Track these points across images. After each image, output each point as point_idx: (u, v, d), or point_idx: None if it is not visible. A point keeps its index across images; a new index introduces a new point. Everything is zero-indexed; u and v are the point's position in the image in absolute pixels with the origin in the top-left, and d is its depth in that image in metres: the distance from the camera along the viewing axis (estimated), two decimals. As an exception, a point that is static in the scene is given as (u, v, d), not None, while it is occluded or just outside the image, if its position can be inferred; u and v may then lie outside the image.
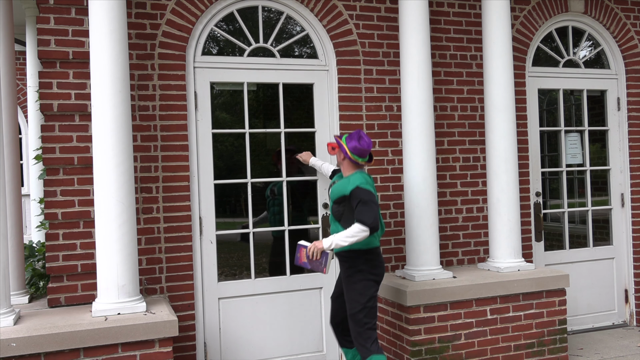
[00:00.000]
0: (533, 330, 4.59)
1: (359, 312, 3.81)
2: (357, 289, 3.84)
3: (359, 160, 3.90)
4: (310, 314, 4.76)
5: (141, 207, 4.23)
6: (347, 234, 3.71)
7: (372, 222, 3.68)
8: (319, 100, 4.79)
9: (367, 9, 4.87)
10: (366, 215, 3.68)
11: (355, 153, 3.88)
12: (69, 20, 4.06)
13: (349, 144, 3.90)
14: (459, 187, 5.14)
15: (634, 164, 5.84)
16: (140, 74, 4.26)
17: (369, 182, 3.83)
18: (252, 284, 4.61)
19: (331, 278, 4.75)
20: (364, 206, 3.70)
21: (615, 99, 5.89)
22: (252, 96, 4.70)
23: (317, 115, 4.79)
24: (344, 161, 3.95)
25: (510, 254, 4.73)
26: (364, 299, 3.82)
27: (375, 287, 3.87)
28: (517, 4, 5.35)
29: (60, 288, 4.01)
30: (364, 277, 3.84)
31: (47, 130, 4.01)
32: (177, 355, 4.23)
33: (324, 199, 4.76)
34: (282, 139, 4.68)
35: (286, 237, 4.69)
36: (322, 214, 4.75)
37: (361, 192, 3.74)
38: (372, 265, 3.87)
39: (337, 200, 3.89)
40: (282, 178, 4.71)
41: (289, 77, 4.72)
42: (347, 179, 3.87)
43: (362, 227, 3.68)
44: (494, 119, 4.75)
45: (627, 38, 5.83)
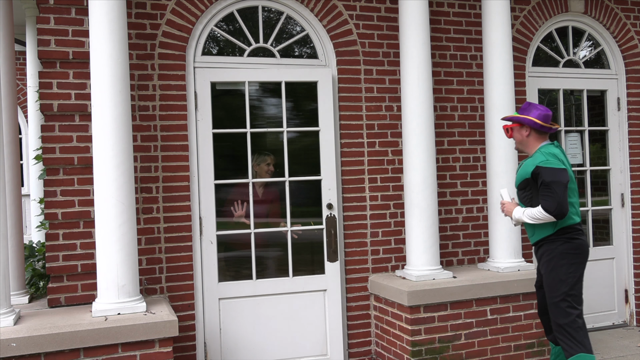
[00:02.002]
0: (533, 330, 4.59)
1: (561, 302, 3.48)
2: (559, 275, 3.51)
3: (548, 125, 3.62)
4: (314, 316, 4.67)
5: (141, 207, 4.23)
6: (531, 214, 3.50)
7: (555, 209, 3.39)
8: (323, 98, 4.70)
9: (367, 9, 4.87)
10: (547, 200, 3.40)
11: (542, 119, 3.62)
12: (69, 20, 4.06)
13: (531, 114, 3.65)
14: (459, 187, 5.14)
15: (634, 164, 5.84)
16: (141, 74, 4.26)
17: (552, 154, 3.53)
18: (254, 285, 4.57)
19: (335, 281, 4.68)
20: (546, 189, 3.41)
21: (615, 99, 5.89)
22: (253, 95, 4.65)
23: (321, 114, 4.69)
24: (529, 137, 3.69)
25: (510, 254, 4.73)
26: (566, 286, 3.49)
27: (579, 270, 3.53)
28: (517, 4, 5.35)
29: (60, 288, 4.01)
30: (565, 260, 3.51)
31: (47, 130, 4.01)
32: (177, 355, 4.23)
33: (327, 199, 4.69)
34: (284, 138, 4.63)
35: (288, 237, 4.62)
36: (327, 215, 4.68)
37: (543, 171, 3.44)
38: (573, 245, 3.55)
39: (521, 186, 3.64)
40: (285, 178, 4.65)
41: (291, 75, 4.66)
42: (531, 158, 3.61)
43: (543, 212, 3.43)
44: (494, 119, 4.75)
45: (627, 38, 5.83)
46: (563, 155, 3.64)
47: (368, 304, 4.84)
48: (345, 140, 4.79)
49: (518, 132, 3.74)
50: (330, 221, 4.67)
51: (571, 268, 3.54)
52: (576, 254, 3.57)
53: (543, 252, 3.65)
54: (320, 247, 4.70)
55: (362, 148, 4.84)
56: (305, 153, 4.75)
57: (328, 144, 4.68)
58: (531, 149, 3.72)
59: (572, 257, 3.56)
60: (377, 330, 4.79)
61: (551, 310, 3.58)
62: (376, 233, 4.87)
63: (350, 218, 4.79)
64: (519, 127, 3.73)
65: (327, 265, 4.67)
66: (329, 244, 4.66)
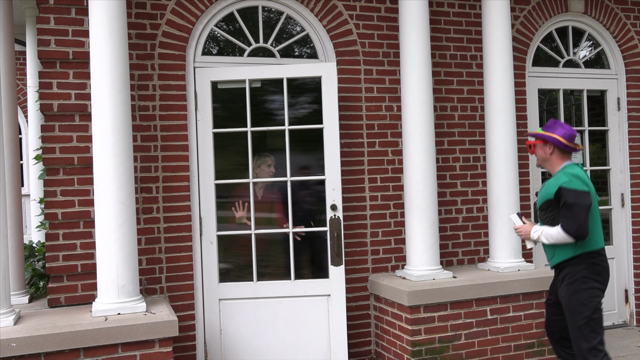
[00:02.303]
0: (533, 330, 4.59)
1: (584, 327, 3.43)
2: (580, 299, 3.45)
3: (572, 145, 3.57)
4: (317, 322, 4.49)
5: (141, 207, 4.23)
6: (549, 234, 3.46)
7: (575, 230, 3.35)
8: (327, 94, 4.44)
9: (367, 9, 4.87)
10: (568, 222, 3.36)
11: (567, 138, 3.57)
12: (69, 20, 4.06)
13: (556, 132, 3.59)
14: (459, 187, 5.14)
15: (634, 164, 5.84)
16: (141, 74, 4.26)
17: (576, 176, 3.46)
18: (254, 287, 4.47)
19: (339, 287, 4.47)
20: (567, 210, 3.37)
21: (615, 99, 5.89)
22: (254, 94, 4.56)
23: (325, 110, 4.44)
24: (552, 155, 3.63)
25: (510, 254, 4.73)
26: (588, 310, 3.42)
27: (600, 295, 3.48)
28: (517, 4, 5.35)
29: (60, 288, 4.01)
30: (588, 285, 3.45)
31: (47, 130, 4.01)
32: (177, 355, 4.23)
33: (331, 200, 4.48)
34: (286, 137, 4.45)
35: (290, 239, 4.48)
36: (331, 216, 4.45)
37: (565, 192, 3.40)
38: (596, 271, 3.49)
39: (543, 207, 3.59)
40: (287, 178, 4.50)
41: (293, 72, 4.49)
42: (554, 179, 3.56)
43: (562, 234, 3.40)
44: (494, 119, 4.75)
45: (627, 38, 5.83)
46: (587, 177, 3.57)
47: (368, 304, 4.84)
48: (345, 140, 4.79)
49: (541, 149, 3.67)
50: (334, 223, 4.46)
51: (593, 292, 3.47)
52: (597, 280, 3.50)
53: (565, 274, 3.56)
54: (323, 250, 4.51)
55: (362, 148, 4.84)
56: (310, 152, 4.65)
57: (332, 142, 4.45)
58: (553, 168, 3.66)
59: (593, 281, 3.49)
60: (377, 330, 4.79)
61: (573, 335, 3.52)
62: (376, 233, 4.87)
63: (350, 218, 4.79)
64: (542, 144, 3.66)
65: (331, 269, 4.45)
66: (333, 247, 4.44)
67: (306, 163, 4.68)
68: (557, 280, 3.67)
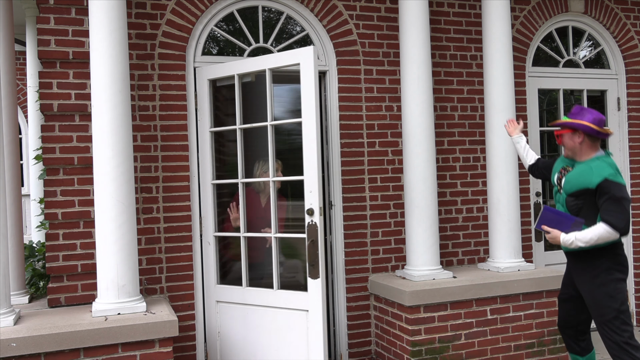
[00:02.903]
0: (533, 330, 4.59)
1: (614, 319, 3.32)
2: (608, 291, 3.34)
3: (603, 131, 3.39)
4: (296, 337, 4.09)
5: (141, 207, 4.23)
6: (590, 236, 3.27)
7: (624, 226, 3.21)
8: (306, 84, 4.00)
9: (367, 9, 4.87)
10: (617, 217, 3.20)
11: (597, 123, 3.38)
12: (69, 20, 4.06)
13: (585, 119, 3.41)
14: (459, 187, 5.14)
15: (634, 164, 5.84)
16: (141, 74, 4.26)
17: (616, 169, 3.33)
18: (242, 293, 4.29)
19: (317, 302, 3.96)
20: (615, 205, 3.21)
21: (615, 99, 5.89)
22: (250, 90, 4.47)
23: (304, 102, 4.02)
24: (582, 144, 3.44)
25: (510, 254, 4.73)
26: (617, 302, 3.33)
27: (625, 286, 3.38)
28: (517, 4, 5.35)
29: (60, 288, 4.01)
30: (613, 276, 3.34)
31: (47, 130, 4.01)
32: (177, 355, 4.23)
33: (309, 203, 3.97)
34: (269, 133, 4.16)
35: (273, 245, 4.17)
36: (307, 222, 3.97)
37: (612, 186, 3.23)
38: (618, 261, 3.39)
39: (576, 193, 3.40)
40: (269, 178, 4.22)
41: (273, 62, 4.15)
42: (587, 166, 3.38)
43: (609, 230, 3.23)
44: (494, 119, 4.75)
45: (627, 38, 5.83)
46: (618, 169, 3.46)
47: (368, 304, 4.84)
48: (345, 140, 4.79)
49: (570, 138, 3.48)
50: (310, 230, 3.93)
51: (619, 284, 3.39)
52: (621, 270, 3.42)
53: (586, 266, 3.46)
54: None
55: (362, 148, 4.84)
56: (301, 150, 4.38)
57: (311, 138, 3.95)
58: (584, 157, 3.48)
59: (618, 272, 3.40)
60: (377, 330, 4.79)
61: (603, 331, 3.41)
62: (376, 233, 4.87)
63: (350, 218, 4.79)
64: (570, 134, 3.48)
65: (309, 282, 3.96)
66: (309, 258, 3.92)
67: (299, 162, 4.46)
68: (575, 270, 3.54)
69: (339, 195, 4.79)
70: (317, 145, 3.95)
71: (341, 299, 4.82)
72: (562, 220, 3.46)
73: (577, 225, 3.40)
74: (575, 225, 3.40)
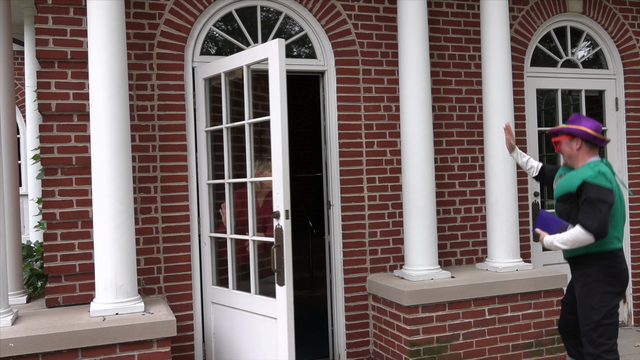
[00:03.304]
0: (531, 330, 4.60)
1: (592, 331, 3.33)
2: (591, 303, 3.35)
3: (601, 137, 3.41)
4: (267, 345, 3.92)
5: (139, 207, 4.23)
6: (566, 237, 3.30)
7: (596, 228, 3.20)
8: (273, 80, 3.78)
9: (366, 9, 4.87)
10: (589, 218, 3.21)
11: (595, 130, 3.40)
12: (67, 20, 4.05)
13: (582, 124, 3.43)
14: (458, 187, 5.14)
15: (632, 164, 5.84)
16: (139, 74, 4.26)
17: (602, 173, 3.32)
18: (229, 295, 4.21)
19: (283, 311, 3.77)
20: (589, 207, 3.22)
21: (613, 99, 5.89)
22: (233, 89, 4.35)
23: (272, 98, 3.81)
24: (580, 151, 3.46)
25: (508, 253, 4.73)
26: (598, 315, 3.32)
27: (615, 300, 3.36)
28: (516, 4, 5.35)
29: (58, 288, 4.01)
30: (600, 289, 3.34)
31: (45, 130, 4.01)
32: (175, 355, 4.22)
33: (276, 206, 3.77)
34: (246, 132, 4.05)
35: (250, 248, 4.05)
36: (275, 226, 3.78)
37: (589, 188, 3.25)
38: (610, 273, 3.36)
39: (562, 198, 3.45)
40: (247, 179, 4.08)
41: (249, 58, 4.00)
42: (576, 171, 3.42)
43: (582, 232, 3.24)
44: (492, 119, 4.76)
45: (625, 38, 5.84)
46: (612, 174, 3.42)
47: (366, 304, 4.84)
48: (344, 140, 4.79)
49: (568, 145, 3.50)
50: (276, 235, 3.76)
51: (605, 297, 3.37)
52: (612, 283, 3.39)
53: (579, 275, 3.48)
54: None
55: (361, 148, 4.85)
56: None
57: (279, 136, 3.75)
58: (578, 164, 3.49)
59: (607, 285, 3.38)
60: (375, 330, 4.79)
61: (583, 338, 3.46)
62: (374, 233, 4.87)
63: (348, 218, 4.79)
64: (568, 140, 3.49)
65: (277, 289, 3.78)
66: (275, 263, 3.74)
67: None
68: (573, 277, 3.57)
69: (338, 195, 4.79)
70: (284, 144, 3.75)
71: (339, 298, 4.82)
72: (550, 223, 3.51)
73: (563, 228, 3.43)
74: (561, 229, 3.43)
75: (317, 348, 5.25)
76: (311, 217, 8.74)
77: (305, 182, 9.96)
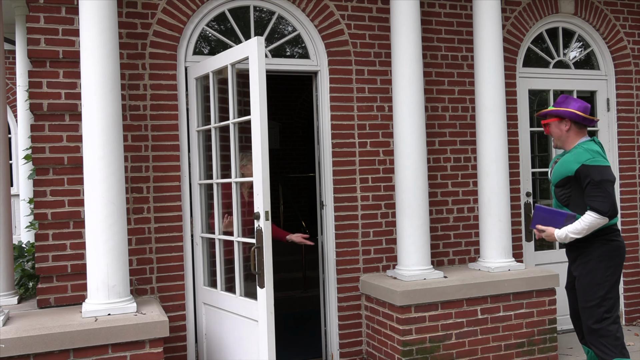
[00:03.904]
0: (523, 330, 4.62)
1: (597, 307, 3.34)
2: (595, 279, 3.36)
3: (590, 117, 3.44)
4: (250, 348, 3.88)
5: (132, 207, 4.22)
6: (582, 226, 3.29)
7: (608, 209, 3.22)
8: (253, 79, 3.74)
9: (359, 9, 4.88)
10: (600, 200, 3.22)
11: (583, 110, 3.42)
12: (59, 19, 4.03)
13: (570, 106, 3.46)
14: (450, 187, 5.16)
15: (623, 164, 5.88)
16: (131, 74, 4.24)
17: (597, 152, 3.34)
18: (218, 297, 4.19)
19: (264, 314, 3.69)
20: (596, 189, 3.23)
21: (604, 99, 5.93)
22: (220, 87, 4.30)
23: (252, 98, 3.75)
24: (569, 132, 3.49)
25: (500, 253, 4.75)
26: (603, 290, 3.33)
27: (617, 272, 3.39)
28: (508, 5, 5.37)
29: (49, 289, 3.99)
30: (603, 264, 3.36)
31: (36, 129, 3.99)
32: (167, 355, 4.21)
33: (257, 207, 3.73)
34: (231, 132, 4.02)
35: (235, 249, 4.04)
36: (256, 227, 3.74)
37: (591, 170, 3.26)
38: (611, 247, 3.39)
39: (560, 183, 3.44)
40: (232, 179, 4.05)
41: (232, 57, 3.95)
42: (571, 154, 3.43)
43: (596, 216, 3.25)
44: (484, 119, 4.77)
45: (617, 39, 5.87)
46: (604, 150, 3.47)
47: (359, 304, 4.84)
48: (337, 140, 4.80)
49: (557, 127, 3.53)
50: (256, 236, 3.71)
51: (608, 271, 3.40)
52: (614, 256, 3.43)
53: (578, 253, 3.50)
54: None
55: (354, 148, 4.85)
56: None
57: (259, 136, 3.69)
58: (571, 145, 3.52)
59: (609, 259, 3.41)
60: (368, 330, 4.79)
61: (584, 314, 3.45)
62: (367, 233, 4.87)
63: (341, 218, 4.80)
64: (557, 122, 3.53)
65: (258, 291, 3.73)
66: (256, 265, 3.69)
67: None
68: (570, 259, 3.57)
69: (330, 195, 4.80)
70: (264, 144, 3.68)
71: (332, 298, 4.82)
72: (554, 217, 3.50)
73: (570, 219, 3.42)
74: (568, 220, 3.43)
75: (310, 348, 5.26)
76: (304, 218, 8.75)
77: (298, 182, 9.96)
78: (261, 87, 3.70)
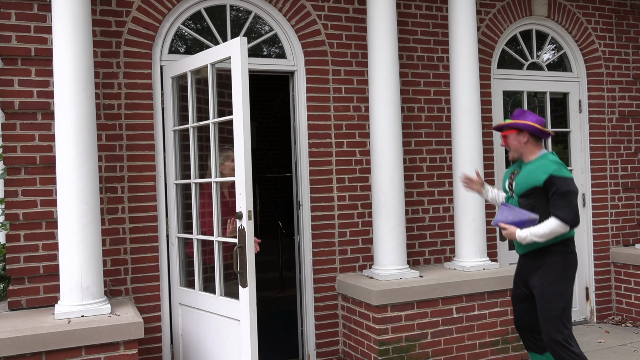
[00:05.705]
0: (498, 328, 4.67)
1: (559, 317, 3.43)
2: (558, 290, 3.46)
3: (547, 130, 3.56)
4: (231, 348, 3.85)
5: (106, 207, 4.16)
6: (544, 231, 3.40)
7: (572, 219, 3.35)
8: (235, 78, 3.72)
9: (336, 10, 4.89)
10: (565, 210, 3.35)
11: (540, 124, 3.55)
12: (30, 16, 3.96)
13: (528, 119, 3.57)
14: (426, 188, 5.20)
15: (595, 165, 5.99)
16: (106, 72, 4.19)
17: (561, 164, 3.47)
18: (196, 297, 4.15)
19: (246, 313, 3.67)
20: (562, 199, 3.36)
21: (577, 101, 6.03)
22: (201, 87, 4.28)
23: (234, 98, 3.73)
24: (527, 145, 3.61)
25: (475, 253, 4.80)
26: (563, 301, 3.44)
27: (572, 284, 3.52)
28: (483, 7, 5.43)
29: (21, 290, 3.92)
30: (565, 275, 3.47)
31: (7, 128, 3.92)
32: (142, 357, 4.17)
33: (239, 206, 3.70)
34: (211, 132, 3.99)
35: (215, 248, 3.98)
36: (238, 227, 3.71)
37: (558, 181, 3.38)
38: (571, 260, 3.51)
39: (526, 194, 3.53)
40: (212, 179, 4.02)
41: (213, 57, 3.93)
42: (533, 165, 3.53)
43: (560, 224, 3.37)
44: (460, 120, 4.82)
45: (589, 42, 5.98)
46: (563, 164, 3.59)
47: (336, 304, 4.85)
48: (314, 140, 4.80)
49: (515, 139, 3.64)
50: (238, 235, 3.68)
51: (568, 282, 3.52)
52: (573, 269, 3.56)
53: (540, 264, 3.56)
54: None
55: (330, 148, 4.86)
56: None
57: (241, 136, 3.67)
58: (529, 157, 3.64)
59: (570, 271, 3.53)
60: (344, 330, 4.81)
61: (546, 325, 3.51)
62: (344, 233, 4.89)
63: (318, 218, 4.80)
64: (516, 134, 3.63)
65: (240, 291, 3.71)
66: (238, 265, 3.66)
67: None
68: (527, 270, 3.64)
69: (307, 195, 4.80)
70: (246, 144, 3.66)
71: (309, 298, 4.82)
72: (517, 216, 3.58)
73: (532, 221, 3.52)
74: (530, 222, 3.52)
75: (287, 348, 5.25)
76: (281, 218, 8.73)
77: (275, 182, 9.94)
78: (244, 87, 3.68)
